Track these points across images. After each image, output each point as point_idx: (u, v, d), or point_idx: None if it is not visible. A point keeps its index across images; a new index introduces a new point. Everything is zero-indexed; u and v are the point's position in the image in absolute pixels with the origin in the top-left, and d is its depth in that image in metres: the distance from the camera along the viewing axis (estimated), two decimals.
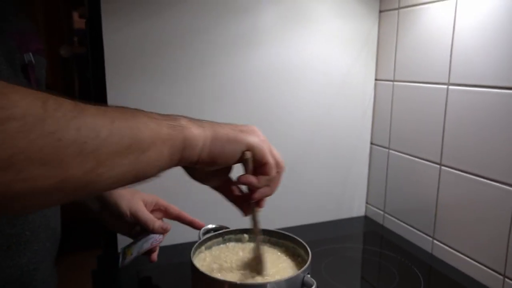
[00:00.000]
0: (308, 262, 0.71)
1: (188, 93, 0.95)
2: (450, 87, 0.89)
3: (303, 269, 0.69)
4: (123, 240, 0.96)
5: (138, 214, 0.74)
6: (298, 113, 1.07)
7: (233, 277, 0.69)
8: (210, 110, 0.98)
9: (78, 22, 2.16)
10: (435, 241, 0.97)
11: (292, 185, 1.10)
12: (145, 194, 0.78)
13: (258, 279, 0.69)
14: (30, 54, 0.57)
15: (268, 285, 0.64)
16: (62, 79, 1.89)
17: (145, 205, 0.77)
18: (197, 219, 0.81)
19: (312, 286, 0.65)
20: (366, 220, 1.19)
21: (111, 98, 0.89)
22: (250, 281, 0.66)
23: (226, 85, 0.98)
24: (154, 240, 0.77)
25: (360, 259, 0.99)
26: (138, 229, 0.77)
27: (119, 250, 0.96)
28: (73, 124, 0.34)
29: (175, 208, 0.80)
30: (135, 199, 0.75)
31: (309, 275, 0.69)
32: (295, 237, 0.81)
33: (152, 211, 0.79)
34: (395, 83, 1.06)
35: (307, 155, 1.10)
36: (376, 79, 1.13)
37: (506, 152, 0.78)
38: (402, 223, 1.07)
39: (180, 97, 0.95)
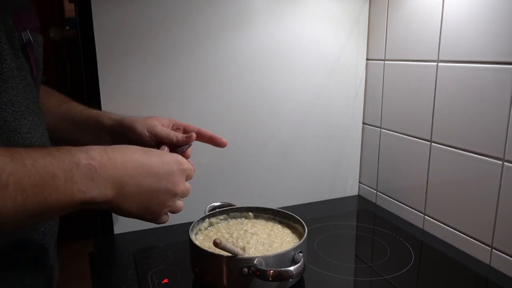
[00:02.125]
0: (301, 241, 0.73)
1: (181, 74, 0.95)
2: (440, 64, 0.90)
3: (293, 247, 0.70)
4: (119, 224, 0.97)
5: (156, 130, 0.68)
6: (291, 94, 1.07)
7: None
8: (203, 91, 0.98)
9: (68, 11, 2.16)
10: (426, 217, 0.99)
11: (286, 166, 1.11)
12: (160, 117, 0.73)
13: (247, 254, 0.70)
14: (28, 32, 0.57)
15: (256, 259, 0.65)
16: (54, 60, 1.88)
17: (162, 125, 0.72)
18: (219, 136, 0.76)
19: (298, 263, 0.66)
20: (360, 199, 1.21)
21: (103, 80, 0.89)
22: (240, 255, 0.67)
23: (219, 66, 0.98)
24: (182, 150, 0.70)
25: (353, 236, 1.00)
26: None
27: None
28: None
29: (194, 126, 0.75)
30: (150, 119, 0.70)
31: (301, 253, 0.70)
32: (295, 215, 0.83)
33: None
34: (386, 62, 1.06)
35: (300, 135, 1.11)
36: (367, 59, 1.13)
37: (494, 127, 0.79)
38: (394, 201, 1.09)
39: (172, 78, 0.95)
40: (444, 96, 0.90)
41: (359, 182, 1.23)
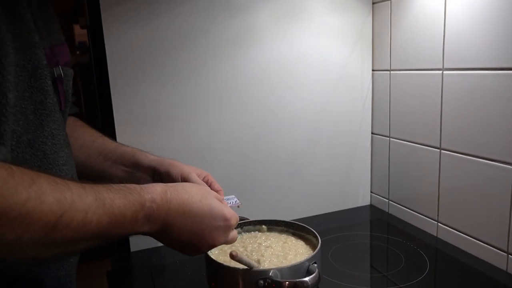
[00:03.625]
0: (315, 252, 0.73)
1: (192, 93, 0.98)
2: (445, 72, 0.91)
3: (308, 257, 0.71)
4: (135, 243, 0.99)
5: (190, 178, 0.71)
6: (298, 109, 1.09)
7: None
8: (214, 108, 1.00)
9: (79, 36, 2.22)
10: (439, 224, 0.99)
11: (297, 178, 1.12)
12: (196, 168, 0.76)
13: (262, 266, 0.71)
14: (60, 67, 0.59)
15: (271, 271, 0.66)
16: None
17: (197, 175, 0.74)
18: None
19: (313, 273, 0.66)
20: (372, 208, 1.21)
21: (116, 104, 0.92)
22: (255, 268, 0.68)
23: (229, 83, 1.01)
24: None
25: (367, 246, 1.01)
26: None
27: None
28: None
29: (218, 185, 0.77)
30: (186, 166, 0.73)
31: (315, 264, 0.71)
32: (308, 227, 0.84)
33: None
34: (391, 72, 1.08)
35: (310, 149, 1.13)
36: (373, 70, 1.15)
37: (502, 132, 0.80)
38: (407, 209, 1.09)
39: (184, 98, 0.97)
40: (451, 103, 0.91)
41: (371, 192, 1.23)
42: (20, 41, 0.50)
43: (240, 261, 0.64)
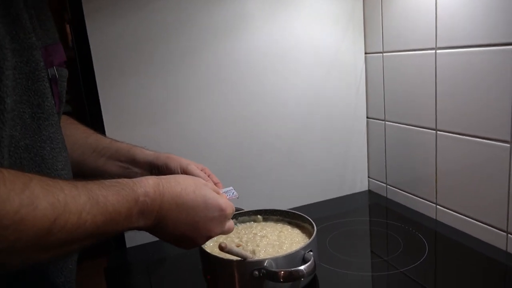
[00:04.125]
0: (310, 240, 0.72)
1: (181, 86, 0.96)
2: (438, 51, 0.89)
3: (303, 246, 0.70)
4: (130, 239, 0.98)
5: (189, 169, 0.71)
6: (292, 96, 1.07)
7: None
8: (206, 98, 0.99)
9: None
10: (438, 207, 0.97)
11: (292, 166, 1.11)
12: (194, 162, 0.75)
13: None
14: (54, 68, 0.57)
15: (266, 261, 0.65)
16: None
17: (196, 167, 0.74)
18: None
19: (308, 261, 0.65)
20: (370, 194, 1.20)
21: (104, 101, 0.90)
22: (249, 258, 0.67)
23: (219, 72, 0.99)
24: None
25: (366, 231, 0.99)
26: None
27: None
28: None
29: (216, 178, 0.76)
30: (184, 159, 0.73)
31: (311, 252, 0.70)
32: (303, 215, 0.83)
33: None
34: (384, 54, 1.06)
35: (305, 137, 1.11)
36: (366, 53, 1.13)
37: (499, 110, 0.78)
38: (405, 193, 1.08)
39: (175, 89, 0.95)
40: (445, 83, 0.89)
41: (368, 177, 1.22)
42: (17, 43, 0.48)
43: (230, 252, 0.63)
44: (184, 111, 0.97)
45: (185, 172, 0.70)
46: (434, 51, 0.90)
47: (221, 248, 0.60)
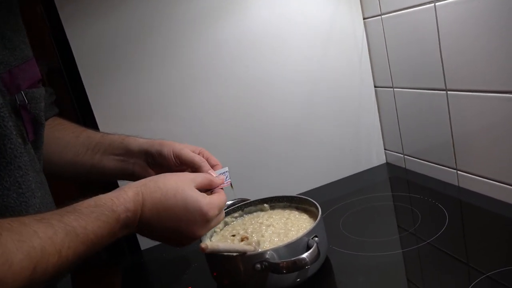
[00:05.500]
0: (314, 225, 0.68)
1: (172, 77, 0.92)
2: (437, 3, 0.81)
3: (306, 232, 0.66)
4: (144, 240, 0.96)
5: (182, 153, 0.67)
6: (289, 75, 1.02)
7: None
8: (199, 91, 0.95)
9: None
10: (459, 172, 0.90)
11: (300, 148, 1.06)
12: (189, 145, 0.71)
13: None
14: (22, 93, 0.51)
15: (267, 253, 0.62)
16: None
17: (191, 150, 0.69)
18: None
19: (311, 247, 0.61)
20: (389, 166, 1.14)
21: (94, 103, 0.88)
22: (250, 251, 0.63)
23: (210, 60, 0.94)
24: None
25: (390, 206, 0.94)
26: None
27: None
28: None
29: (215, 159, 0.71)
30: (178, 143, 0.69)
31: (316, 238, 0.66)
32: (308, 198, 0.79)
33: None
34: (383, 16, 0.98)
35: (310, 115, 1.05)
36: (364, 18, 1.05)
37: (509, 59, 0.70)
38: (424, 162, 1.01)
39: (166, 83, 0.92)
40: (449, 36, 0.81)
41: (385, 149, 1.15)
42: None
43: (215, 251, 0.60)
44: (178, 106, 0.94)
45: (178, 157, 0.67)
46: (433, 4, 0.82)
47: (202, 249, 0.56)
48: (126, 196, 0.51)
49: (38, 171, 0.54)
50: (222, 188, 0.64)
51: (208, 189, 0.62)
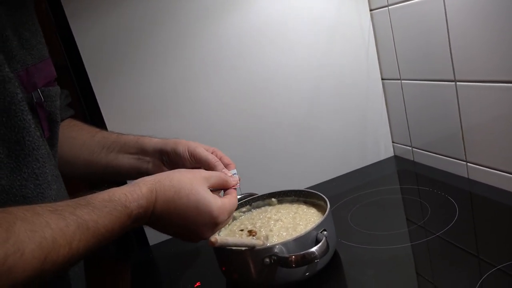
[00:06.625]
0: (322, 218, 0.68)
1: (178, 73, 0.92)
2: None
3: (314, 226, 0.65)
4: (153, 235, 0.97)
5: (197, 151, 0.68)
6: (296, 68, 1.01)
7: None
8: (205, 85, 0.94)
9: None
10: (469, 164, 0.89)
11: (307, 144, 1.05)
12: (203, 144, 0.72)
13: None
14: (38, 90, 0.53)
15: (276, 247, 0.61)
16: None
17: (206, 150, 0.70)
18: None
19: (320, 241, 0.61)
20: (397, 159, 1.13)
21: (101, 99, 0.88)
22: (259, 246, 0.63)
23: (214, 56, 0.94)
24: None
25: (398, 200, 0.93)
26: None
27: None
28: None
29: (228, 158, 0.72)
30: (193, 142, 0.70)
31: (325, 232, 0.65)
32: (316, 192, 0.78)
33: None
34: (390, 7, 0.97)
35: (316, 108, 1.05)
36: (370, 9, 1.04)
37: None
38: (432, 154, 1.00)
39: (171, 79, 0.92)
40: (457, 28, 0.80)
41: (393, 142, 1.14)
42: None
43: (224, 245, 0.60)
44: (185, 101, 0.94)
45: (193, 155, 0.68)
46: None
47: (212, 243, 0.56)
48: (140, 192, 0.51)
49: (54, 166, 0.56)
50: (235, 188, 0.64)
51: (221, 188, 0.62)
